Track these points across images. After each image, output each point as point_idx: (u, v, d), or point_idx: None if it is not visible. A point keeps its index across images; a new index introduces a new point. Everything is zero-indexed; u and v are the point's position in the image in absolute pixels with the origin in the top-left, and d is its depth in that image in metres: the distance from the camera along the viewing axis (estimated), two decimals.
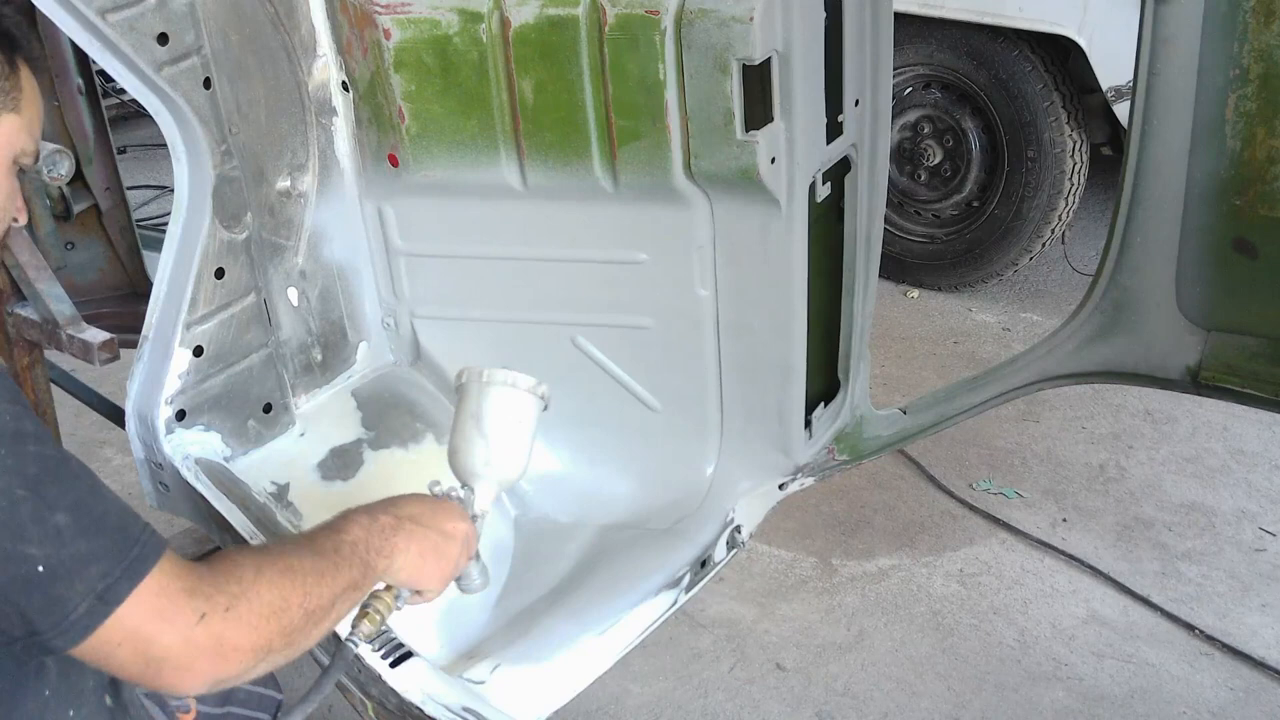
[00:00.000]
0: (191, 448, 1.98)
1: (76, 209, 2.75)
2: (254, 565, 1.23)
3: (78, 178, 2.67)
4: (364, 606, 1.47)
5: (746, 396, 2.29)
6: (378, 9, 2.01)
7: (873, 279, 2.42)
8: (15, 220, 1.33)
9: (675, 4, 1.90)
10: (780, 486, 2.41)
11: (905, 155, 4.40)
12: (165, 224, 1.98)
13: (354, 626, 1.47)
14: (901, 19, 3.64)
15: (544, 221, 2.19)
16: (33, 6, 1.67)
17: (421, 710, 1.77)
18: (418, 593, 1.49)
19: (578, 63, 1.98)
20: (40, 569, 1.10)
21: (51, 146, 2.19)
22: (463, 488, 1.60)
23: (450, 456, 1.64)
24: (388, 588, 1.48)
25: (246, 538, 1.89)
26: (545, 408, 1.66)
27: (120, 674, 1.19)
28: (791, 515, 3.20)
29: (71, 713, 1.31)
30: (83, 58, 2.65)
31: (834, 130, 2.12)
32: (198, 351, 1.95)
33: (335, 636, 1.49)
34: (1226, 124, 1.90)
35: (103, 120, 2.74)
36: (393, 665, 1.77)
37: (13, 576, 1.10)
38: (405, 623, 1.86)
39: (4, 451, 1.11)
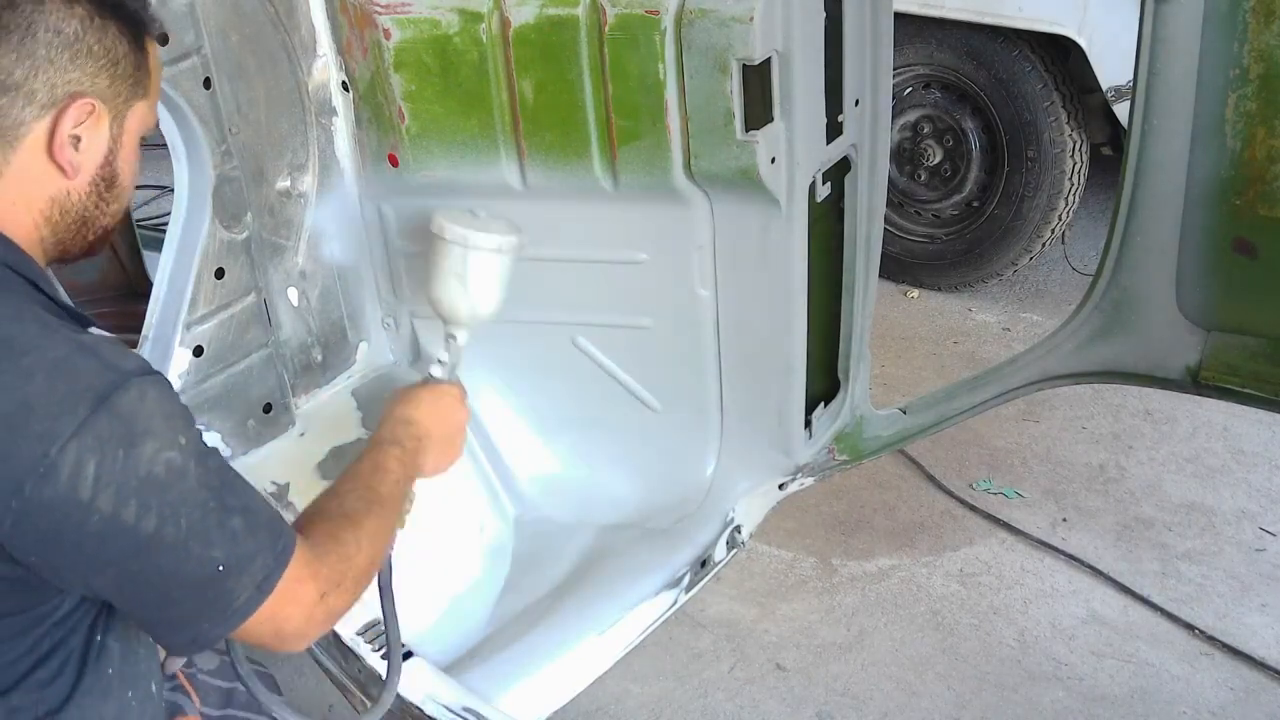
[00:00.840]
0: None
1: None
2: (354, 538, 1.38)
3: None
4: None
5: (746, 396, 2.29)
6: (378, 9, 2.01)
7: (873, 279, 2.42)
8: None
9: (675, 4, 1.90)
10: (780, 486, 2.41)
11: (905, 155, 4.40)
12: (165, 224, 1.98)
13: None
14: (901, 19, 3.63)
15: (544, 221, 2.19)
16: None
17: (421, 710, 1.77)
18: None
19: (578, 63, 1.98)
20: (220, 568, 1.22)
21: None
22: (446, 338, 1.82)
23: (433, 303, 1.82)
24: None
25: None
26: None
27: (248, 644, 1.36)
28: (791, 515, 3.20)
29: (130, 693, 1.41)
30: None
31: (834, 130, 2.12)
32: (198, 351, 1.95)
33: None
34: (1226, 124, 1.90)
35: None
36: None
37: (199, 577, 1.22)
38: (405, 623, 1.86)
39: (200, 470, 1.22)
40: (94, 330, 1.24)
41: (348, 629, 1.80)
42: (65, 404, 1.13)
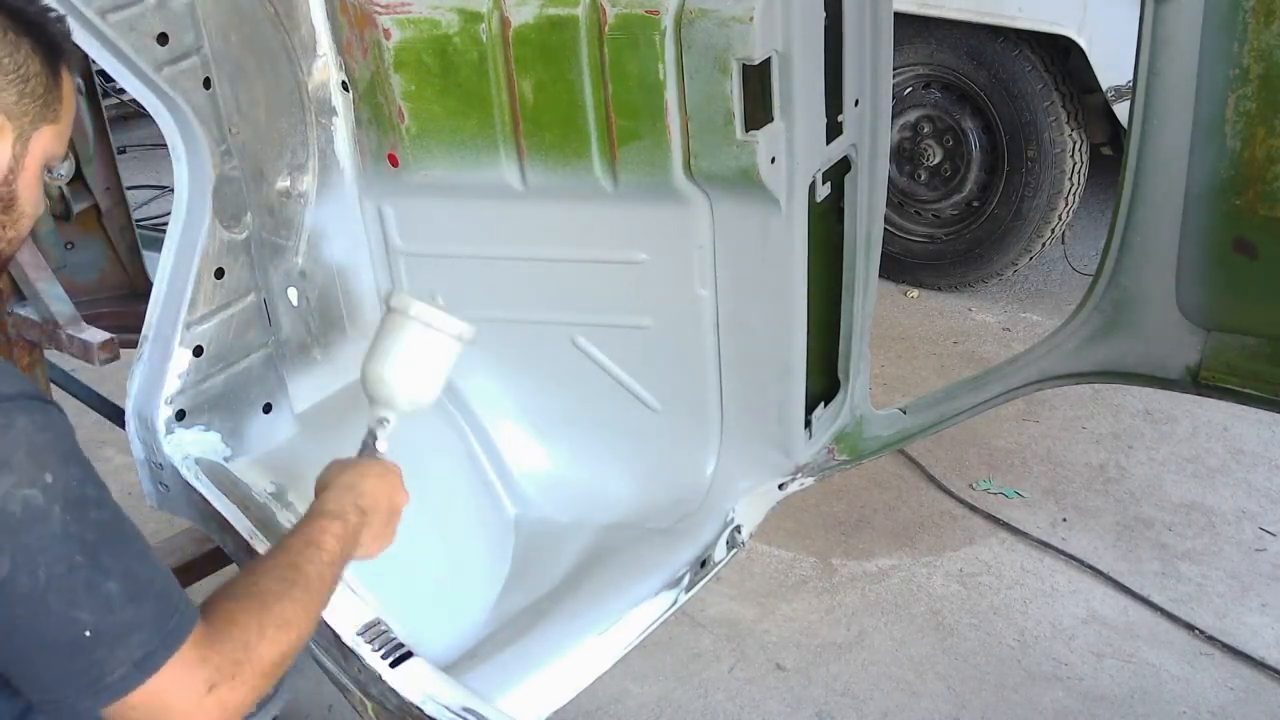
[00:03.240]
0: (191, 448, 1.98)
1: (76, 209, 2.75)
2: (258, 626, 1.26)
3: (78, 178, 2.67)
4: None
5: (746, 396, 2.29)
6: (378, 9, 2.01)
7: (873, 279, 2.42)
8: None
9: (675, 4, 1.90)
10: (780, 486, 2.41)
11: (905, 155, 4.40)
12: (165, 224, 1.98)
13: None
14: (901, 19, 3.63)
15: (544, 221, 2.19)
16: None
17: (421, 710, 1.77)
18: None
19: (578, 63, 1.98)
20: (87, 634, 1.13)
21: None
22: (379, 420, 1.70)
23: (367, 381, 1.71)
24: None
25: (246, 538, 1.89)
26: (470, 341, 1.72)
27: None
28: (791, 515, 3.20)
29: None
30: (83, 57, 2.65)
31: (834, 130, 2.12)
32: (198, 351, 1.95)
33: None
34: (1226, 124, 1.90)
35: (103, 120, 2.74)
36: (393, 665, 1.77)
37: (60, 639, 1.13)
38: (405, 623, 1.86)
39: (69, 518, 1.12)
40: None
41: (348, 629, 1.80)
42: None
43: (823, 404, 2.41)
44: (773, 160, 1.98)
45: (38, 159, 1.28)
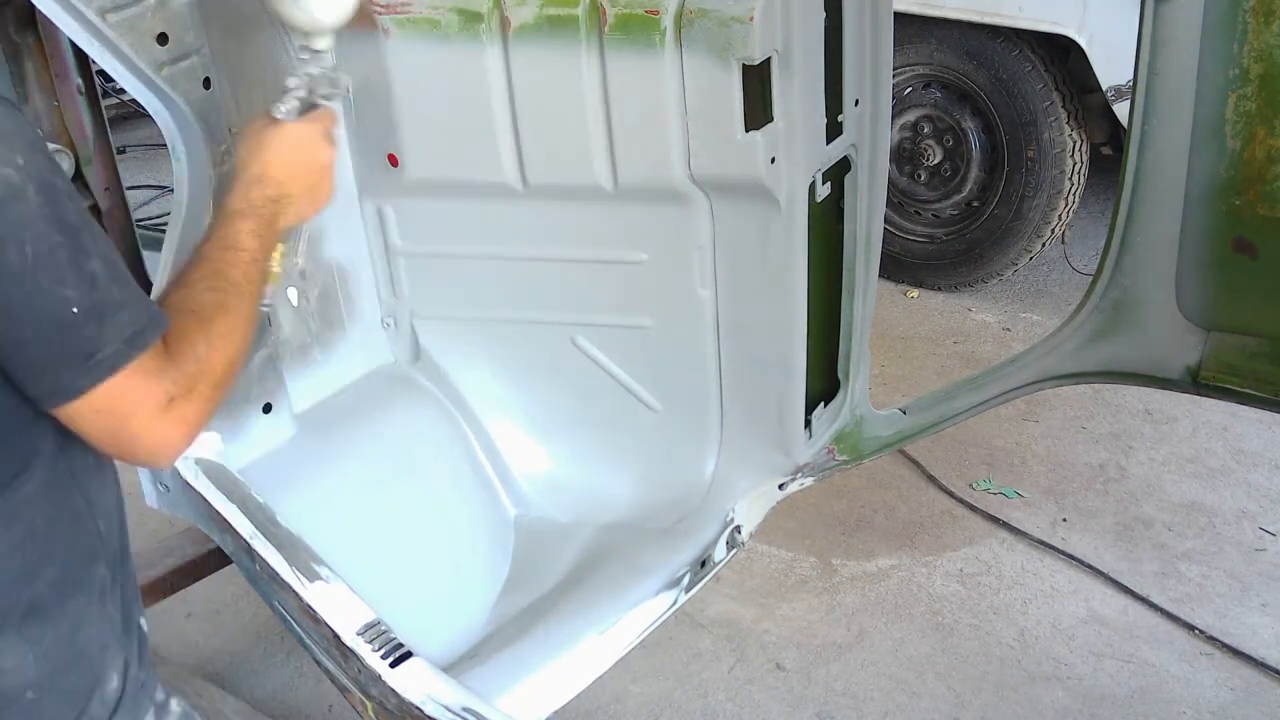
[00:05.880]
0: (191, 448, 1.98)
1: None
2: (204, 338, 1.27)
3: (78, 178, 2.67)
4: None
5: (746, 396, 2.29)
6: (378, 9, 2.01)
7: (873, 279, 2.42)
8: None
9: (675, 4, 1.90)
10: (780, 486, 2.41)
11: (905, 155, 4.40)
12: (165, 224, 1.98)
13: (264, 294, 1.47)
14: (901, 19, 3.63)
15: (544, 221, 2.19)
16: (32, 6, 1.67)
17: (421, 710, 1.77)
18: None
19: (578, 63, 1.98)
20: (75, 310, 1.14)
21: (51, 146, 2.19)
22: (301, 50, 1.56)
23: (285, 16, 1.54)
24: None
25: (246, 538, 1.89)
26: None
27: (93, 443, 1.22)
28: (791, 515, 3.20)
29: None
30: (83, 58, 2.65)
31: (834, 130, 2.12)
32: None
33: None
34: (1226, 124, 1.90)
35: (102, 120, 2.74)
36: (393, 665, 1.77)
37: (51, 315, 1.14)
38: (405, 623, 1.86)
39: (44, 199, 1.13)
40: None
41: (348, 629, 1.80)
42: None
43: (823, 404, 2.41)
44: (773, 160, 1.98)
45: None
